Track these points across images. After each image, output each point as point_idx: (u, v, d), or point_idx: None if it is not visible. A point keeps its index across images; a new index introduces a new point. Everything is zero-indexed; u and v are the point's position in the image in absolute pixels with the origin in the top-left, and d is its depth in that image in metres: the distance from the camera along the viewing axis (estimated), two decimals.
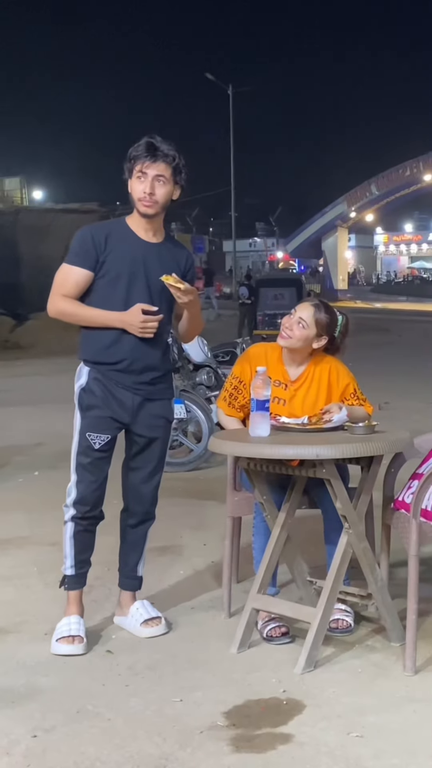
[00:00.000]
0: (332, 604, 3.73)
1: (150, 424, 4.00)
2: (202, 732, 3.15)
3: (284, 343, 4.09)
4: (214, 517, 5.79)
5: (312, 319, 4.07)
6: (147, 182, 3.84)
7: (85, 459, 3.92)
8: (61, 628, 3.90)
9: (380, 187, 58.50)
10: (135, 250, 3.91)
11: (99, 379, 3.92)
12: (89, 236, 3.91)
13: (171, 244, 4.08)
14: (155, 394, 4.00)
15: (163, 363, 4.05)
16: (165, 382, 4.08)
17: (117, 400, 3.92)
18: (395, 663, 3.68)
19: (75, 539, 3.96)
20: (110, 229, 3.97)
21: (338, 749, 3.02)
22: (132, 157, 3.87)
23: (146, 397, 3.96)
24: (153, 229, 3.97)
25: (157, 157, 3.83)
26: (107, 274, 3.89)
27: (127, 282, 3.89)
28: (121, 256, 3.89)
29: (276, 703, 3.37)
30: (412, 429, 4.29)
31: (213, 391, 8.46)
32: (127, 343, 3.90)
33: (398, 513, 3.90)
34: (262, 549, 4.02)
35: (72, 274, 3.90)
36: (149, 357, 3.95)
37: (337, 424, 3.80)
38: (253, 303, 24.09)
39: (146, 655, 3.79)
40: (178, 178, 3.90)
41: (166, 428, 4.10)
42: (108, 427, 3.92)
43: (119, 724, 3.21)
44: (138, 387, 3.94)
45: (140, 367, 3.93)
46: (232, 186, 47.15)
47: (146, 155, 3.83)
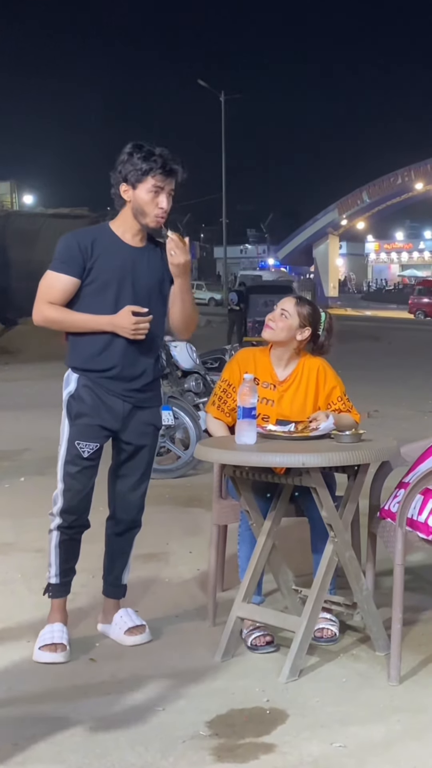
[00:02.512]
0: (317, 613, 3.72)
1: (139, 432, 3.94)
2: (184, 741, 3.13)
3: (269, 335, 4.11)
4: (200, 524, 5.78)
5: (294, 309, 4.13)
6: (163, 198, 3.82)
7: (73, 467, 3.85)
8: (44, 636, 3.86)
9: (372, 194, 58.74)
10: (122, 256, 3.86)
11: (88, 386, 3.85)
12: (75, 243, 3.84)
13: (154, 246, 4.00)
14: (145, 401, 3.95)
15: (154, 370, 3.99)
16: (154, 390, 4.04)
17: (107, 407, 3.86)
18: (380, 672, 3.66)
19: (60, 548, 3.90)
20: (95, 236, 3.90)
21: (321, 759, 3.01)
22: (145, 170, 3.80)
23: (136, 404, 3.90)
24: (141, 234, 3.93)
25: (174, 172, 3.83)
26: (95, 281, 3.83)
27: (116, 288, 3.83)
28: (109, 263, 3.84)
29: (259, 712, 3.35)
30: (401, 437, 4.28)
31: (201, 398, 8.45)
32: (118, 349, 3.84)
33: (384, 522, 3.89)
34: (247, 557, 4.01)
35: (59, 281, 3.83)
36: (140, 364, 3.90)
37: (324, 432, 3.79)
38: (243, 310, 24.11)
39: (129, 663, 3.77)
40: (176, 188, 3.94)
41: (155, 436, 4.04)
42: (97, 435, 3.86)
43: (101, 733, 3.19)
44: (128, 394, 3.88)
45: (131, 374, 3.87)
46: (224, 192, 47.22)
47: (162, 170, 3.79)
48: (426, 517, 3.66)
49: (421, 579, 4.74)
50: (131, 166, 3.80)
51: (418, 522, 3.67)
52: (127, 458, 3.99)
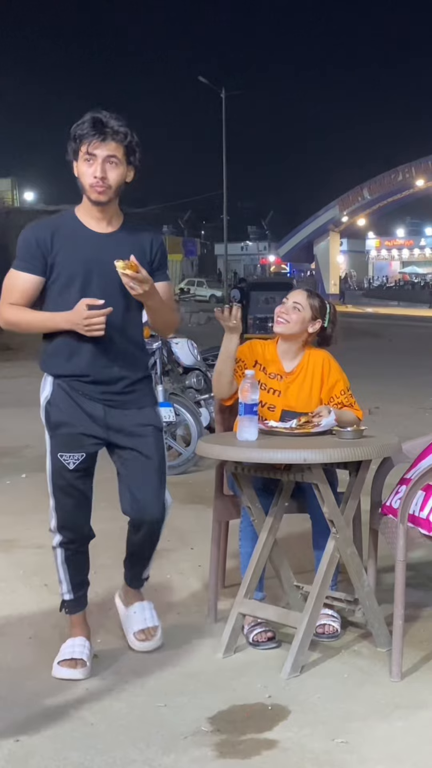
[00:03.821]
0: (319, 609, 3.72)
1: (132, 434, 3.60)
2: (186, 737, 3.13)
3: (282, 329, 4.10)
4: (201, 520, 5.77)
5: (306, 302, 4.13)
6: (97, 165, 3.40)
7: (61, 481, 3.57)
8: (64, 651, 3.67)
9: (372, 191, 58.69)
10: (87, 245, 3.49)
11: (64, 390, 3.54)
12: (32, 238, 3.51)
13: (129, 230, 3.60)
14: (131, 403, 3.61)
15: (135, 368, 3.63)
16: (141, 390, 3.66)
17: (86, 413, 3.54)
18: (381, 669, 3.66)
19: (67, 564, 3.69)
20: (56, 226, 3.54)
21: (323, 755, 3.01)
22: (77, 137, 3.41)
23: (120, 407, 3.59)
24: (107, 218, 3.53)
25: (107, 135, 3.38)
26: (59, 278, 3.50)
27: (82, 282, 3.47)
28: (72, 255, 3.48)
29: (261, 708, 3.35)
30: (402, 434, 4.29)
31: (202, 395, 8.44)
32: (86, 350, 3.50)
33: (386, 518, 3.89)
34: (249, 553, 4.00)
35: (18, 280, 3.52)
36: (116, 364, 3.55)
37: (326, 428, 3.79)
38: (245, 306, 24.12)
39: (131, 659, 3.77)
40: (131, 158, 3.48)
41: (156, 437, 3.66)
42: (81, 445, 3.55)
43: (103, 729, 3.19)
44: (108, 398, 3.56)
45: (107, 377, 3.55)
46: (224, 189, 47.18)
47: (93, 134, 3.37)
48: (428, 513, 3.66)
49: (422, 575, 4.74)
50: (70, 138, 3.45)
51: (419, 518, 3.67)
52: (130, 465, 3.64)
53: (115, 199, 3.50)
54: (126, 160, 3.46)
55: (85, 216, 3.54)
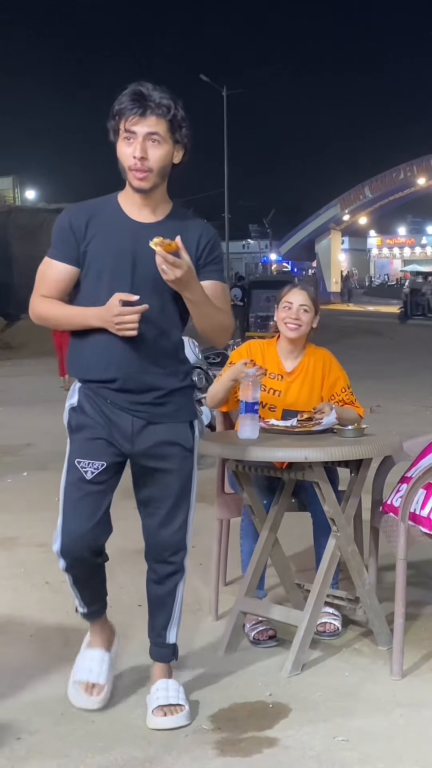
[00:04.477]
0: (320, 607, 3.72)
1: (157, 454, 3.17)
2: (187, 735, 3.14)
3: (296, 334, 4.10)
4: (202, 519, 5.74)
5: (310, 301, 4.14)
6: (137, 144, 2.98)
7: (76, 493, 3.11)
8: (80, 668, 3.33)
9: (374, 190, 58.65)
10: (123, 234, 3.08)
11: (90, 397, 3.14)
12: (67, 222, 3.13)
13: (178, 221, 3.15)
14: (163, 416, 3.17)
15: (170, 377, 3.18)
16: (178, 402, 3.21)
17: (112, 422, 3.12)
18: (382, 667, 3.67)
19: (78, 587, 3.26)
20: (94, 210, 3.15)
21: (324, 753, 3.01)
22: (116, 113, 3.01)
23: (150, 420, 3.15)
24: (151, 205, 3.11)
25: (147, 108, 2.96)
26: (90, 269, 3.11)
27: (111, 275, 3.08)
28: (105, 244, 3.09)
29: (262, 706, 3.35)
30: (403, 432, 4.29)
31: (203, 393, 8.43)
32: (116, 353, 3.08)
33: (387, 516, 3.89)
34: (250, 551, 4.01)
35: (51, 270, 3.16)
36: (150, 371, 3.12)
37: (326, 426, 3.79)
38: (244, 305, 24.17)
39: (132, 658, 3.76)
40: (177, 135, 3.04)
41: (184, 457, 3.24)
42: (102, 452, 3.11)
43: (104, 727, 3.19)
44: (138, 408, 3.13)
45: (138, 384, 3.11)
46: (226, 188, 47.14)
47: (132, 108, 2.96)
48: (429, 511, 3.65)
49: (423, 574, 4.74)
50: (110, 115, 3.06)
51: (420, 516, 3.67)
52: (150, 486, 3.23)
53: (161, 184, 3.08)
54: (171, 137, 3.01)
55: (126, 202, 3.12)
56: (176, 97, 3.02)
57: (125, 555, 5.09)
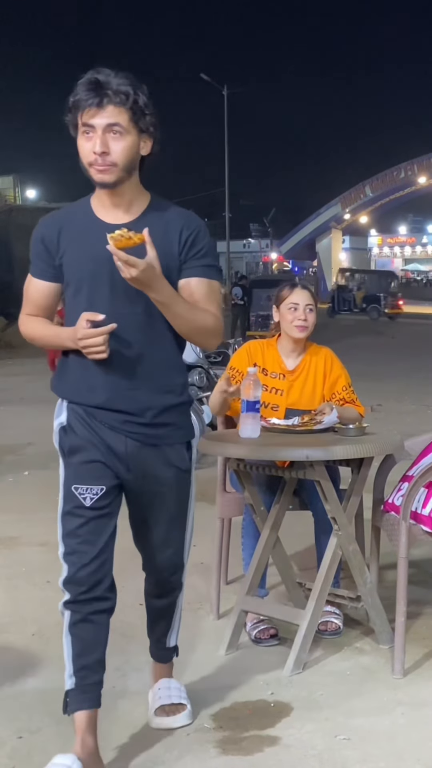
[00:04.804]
0: (321, 606, 3.72)
1: (153, 477, 2.94)
2: (188, 734, 3.14)
3: (305, 334, 4.11)
4: (204, 518, 5.74)
5: (313, 299, 4.15)
6: (96, 138, 2.70)
7: (75, 521, 2.87)
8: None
9: (375, 188, 58.62)
10: (97, 240, 2.74)
11: (80, 416, 2.89)
12: (39, 236, 2.90)
13: (156, 216, 2.85)
14: (158, 438, 2.92)
15: (165, 393, 2.91)
16: (175, 421, 2.96)
17: (106, 443, 2.88)
18: (384, 666, 3.67)
19: (72, 633, 2.90)
20: (66, 219, 2.91)
21: (325, 752, 3.01)
22: (71, 106, 2.73)
23: (145, 441, 2.90)
24: (124, 203, 2.83)
25: (104, 97, 2.67)
26: (70, 283, 2.87)
27: (89, 287, 2.82)
28: (80, 255, 2.83)
29: (263, 705, 3.36)
30: (404, 431, 4.30)
31: (205, 392, 8.44)
32: (100, 374, 2.83)
33: (388, 515, 3.89)
34: (251, 550, 4.01)
35: (32, 287, 2.97)
36: (139, 387, 2.86)
37: (328, 425, 3.79)
38: (245, 304, 24.19)
39: (134, 657, 3.77)
40: (141, 123, 2.75)
41: (180, 479, 3.01)
42: (100, 476, 2.87)
43: (105, 726, 3.18)
44: (131, 429, 2.87)
45: (128, 406, 2.86)
46: (227, 187, 47.19)
47: (88, 98, 2.68)
48: (430, 510, 3.66)
49: (424, 572, 4.75)
50: (66, 109, 2.78)
51: (421, 515, 3.67)
52: (145, 510, 3.02)
53: (128, 178, 2.79)
54: (135, 127, 2.74)
55: (98, 204, 2.86)
56: (138, 82, 2.73)
57: (126, 554, 5.09)
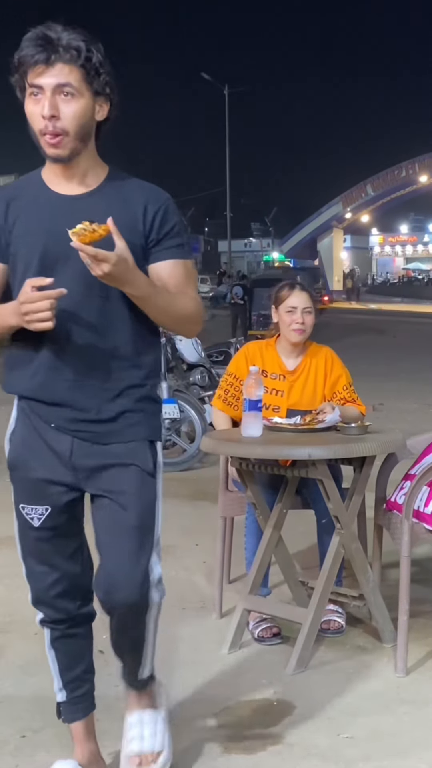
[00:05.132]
0: (324, 605, 3.72)
1: (111, 478, 2.55)
2: (191, 733, 3.14)
3: (302, 337, 4.11)
4: (206, 517, 5.78)
5: (311, 301, 4.13)
6: (45, 100, 2.36)
7: (28, 542, 2.65)
8: None
9: (376, 188, 58.66)
10: (48, 213, 2.47)
11: (27, 416, 2.58)
12: None
13: (116, 188, 2.52)
14: (112, 435, 2.54)
15: (122, 386, 2.54)
16: (131, 417, 2.56)
17: (51, 449, 2.55)
18: (387, 664, 3.67)
19: (55, 648, 2.76)
20: (14, 192, 2.55)
21: (328, 750, 3.01)
22: (17, 64, 2.39)
23: (96, 441, 2.54)
24: (79, 174, 2.49)
25: (52, 53, 2.34)
26: (17, 261, 2.50)
27: (39, 265, 2.46)
28: (29, 230, 2.48)
29: (266, 704, 3.36)
30: (406, 430, 4.29)
31: (207, 391, 8.46)
32: (48, 360, 2.51)
33: (390, 514, 3.89)
34: (253, 549, 4.01)
35: None
36: (92, 379, 2.52)
37: (330, 424, 3.79)
38: (246, 303, 24.25)
39: None
40: (96, 84, 2.41)
41: (143, 482, 2.57)
42: (45, 495, 2.57)
43: (107, 725, 3.18)
44: (78, 428, 2.53)
45: (77, 398, 2.52)
46: (228, 186, 47.25)
47: (34, 54, 2.34)
48: None
49: (427, 571, 4.74)
50: (12, 68, 2.45)
51: (424, 513, 3.67)
52: (103, 520, 2.58)
53: (83, 148, 2.45)
54: (89, 88, 2.40)
55: (50, 174, 2.53)
56: (93, 38, 2.41)
57: None
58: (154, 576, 2.63)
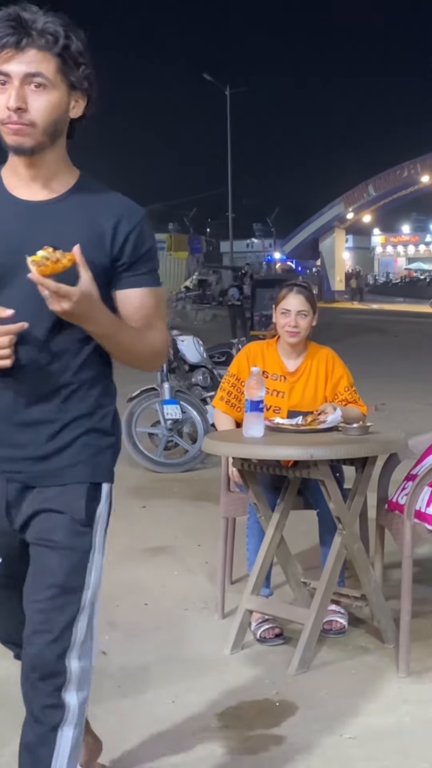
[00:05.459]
0: (326, 605, 3.73)
1: (41, 524, 2.20)
2: (194, 734, 3.14)
3: (296, 339, 4.10)
4: (208, 517, 5.78)
5: (308, 304, 4.12)
6: (11, 89, 2.05)
7: None
8: None
9: (378, 188, 58.58)
10: (7, 221, 2.15)
11: None
12: None
13: (85, 198, 2.20)
14: (45, 477, 2.19)
15: (67, 419, 2.19)
16: (74, 454, 2.20)
17: None
18: (389, 664, 3.67)
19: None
20: None
21: (331, 751, 3.01)
22: None
23: (29, 483, 2.20)
24: (43, 176, 2.17)
25: (25, 37, 2.03)
26: None
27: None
28: None
29: (269, 704, 3.36)
30: (408, 430, 4.29)
31: (209, 392, 8.45)
32: None
33: (392, 514, 3.89)
34: (255, 550, 4.01)
35: None
36: (28, 409, 2.17)
37: (332, 424, 3.79)
38: (242, 304, 24.47)
39: (139, 656, 3.78)
40: (73, 76, 2.11)
41: (75, 534, 2.19)
42: None
43: (111, 726, 3.19)
44: (13, 469, 2.20)
45: (11, 434, 2.19)
46: (230, 186, 47.30)
47: (4, 37, 2.03)
48: None
49: (429, 571, 4.75)
50: None
51: (426, 514, 3.67)
52: (31, 571, 2.22)
53: (50, 145, 2.14)
54: (65, 80, 2.10)
55: (10, 176, 2.20)
56: (73, 24, 2.11)
57: (131, 554, 5.11)
58: (75, 666, 2.17)
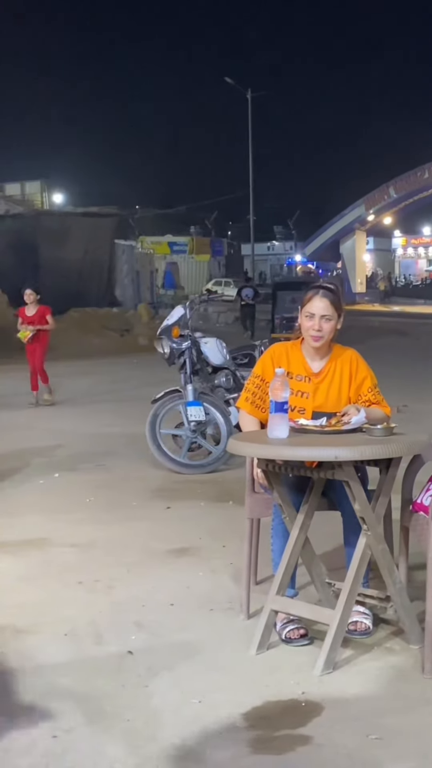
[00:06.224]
0: (351, 606, 3.73)
1: None
2: (221, 734, 3.16)
3: (320, 344, 4.10)
4: (233, 518, 5.79)
5: (332, 308, 4.10)
6: None
7: None
8: None
9: (398, 189, 58.42)
10: None
11: None
12: None
13: None
14: None
15: None
16: None
17: None
18: (414, 665, 3.67)
19: None
20: None
21: (356, 751, 3.02)
22: None
23: None
24: None
25: None
26: None
27: None
28: None
29: (294, 704, 3.37)
30: (431, 431, 4.28)
31: (231, 394, 8.46)
32: None
33: (416, 515, 3.89)
34: (280, 550, 4.02)
35: None
36: None
37: (356, 425, 3.80)
38: (255, 305, 24.72)
39: (165, 657, 3.80)
40: None
41: None
42: None
43: (138, 725, 3.22)
44: None
45: None
46: (251, 189, 47.23)
47: None
48: None
49: None
50: None
51: None
52: None
53: None
54: None
55: None
56: None
57: (156, 555, 5.13)
58: None
